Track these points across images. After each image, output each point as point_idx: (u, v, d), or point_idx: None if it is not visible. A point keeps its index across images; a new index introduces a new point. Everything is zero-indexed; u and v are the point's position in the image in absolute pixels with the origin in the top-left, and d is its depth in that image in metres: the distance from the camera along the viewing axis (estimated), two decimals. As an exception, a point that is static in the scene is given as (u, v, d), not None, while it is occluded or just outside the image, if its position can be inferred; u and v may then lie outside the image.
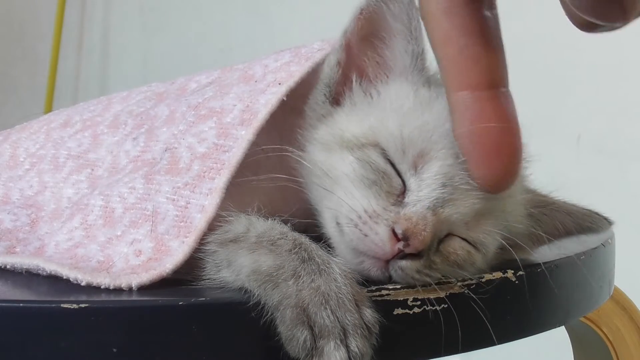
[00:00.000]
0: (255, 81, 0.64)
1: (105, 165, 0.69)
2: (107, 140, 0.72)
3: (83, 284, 0.54)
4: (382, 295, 0.53)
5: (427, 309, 0.54)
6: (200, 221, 0.57)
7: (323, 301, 0.50)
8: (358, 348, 0.49)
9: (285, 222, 0.57)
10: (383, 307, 0.52)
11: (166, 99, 0.73)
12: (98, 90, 2.63)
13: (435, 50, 0.52)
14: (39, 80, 2.68)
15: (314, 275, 0.51)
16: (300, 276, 0.51)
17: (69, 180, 0.71)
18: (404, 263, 0.55)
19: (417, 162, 0.58)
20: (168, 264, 0.55)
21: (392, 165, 0.58)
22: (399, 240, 0.55)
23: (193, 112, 0.64)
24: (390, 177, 0.58)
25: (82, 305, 0.48)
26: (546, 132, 1.41)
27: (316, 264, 0.52)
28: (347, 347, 0.49)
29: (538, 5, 1.51)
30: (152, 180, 0.61)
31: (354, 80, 0.64)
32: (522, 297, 0.60)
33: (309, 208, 0.63)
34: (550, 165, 0.70)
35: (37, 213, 0.69)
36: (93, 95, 1.32)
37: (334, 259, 0.54)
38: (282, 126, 0.64)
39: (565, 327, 0.93)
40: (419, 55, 0.62)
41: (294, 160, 0.63)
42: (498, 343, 0.57)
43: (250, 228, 0.56)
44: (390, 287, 0.54)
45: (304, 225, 0.60)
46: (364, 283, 0.54)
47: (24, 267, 0.59)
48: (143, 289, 0.54)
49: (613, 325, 0.93)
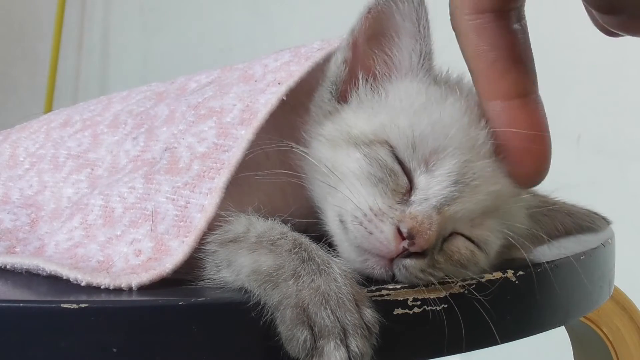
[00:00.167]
0: (255, 81, 0.64)
1: (105, 164, 0.69)
2: (107, 139, 0.72)
3: (83, 284, 0.54)
4: (382, 295, 0.53)
5: (427, 309, 0.54)
6: (200, 221, 0.57)
7: (323, 301, 0.50)
8: (358, 348, 0.49)
9: (285, 221, 0.57)
10: (383, 307, 0.52)
11: (166, 98, 0.73)
12: (98, 90, 2.63)
13: (468, 63, 0.56)
14: (39, 80, 2.68)
15: (314, 275, 0.51)
16: (300, 276, 0.51)
17: (69, 179, 0.71)
18: (408, 262, 0.55)
19: (429, 159, 0.58)
20: (168, 263, 0.55)
21: (400, 163, 0.58)
22: (404, 238, 0.55)
23: (193, 112, 0.64)
24: (397, 175, 0.58)
25: (82, 305, 0.48)
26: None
27: (316, 264, 0.52)
28: (347, 347, 0.49)
29: (538, 6, 1.51)
30: (151, 180, 0.61)
31: (360, 78, 0.64)
32: (522, 297, 0.60)
33: (309, 208, 0.63)
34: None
35: (37, 213, 0.69)
36: (93, 95, 1.32)
37: (334, 259, 0.54)
38: (282, 126, 0.64)
39: (565, 327, 0.93)
40: (427, 55, 0.62)
41: (296, 158, 0.63)
42: (500, 342, 0.57)
43: (250, 228, 0.56)
44: (390, 287, 0.54)
45: (304, 225, 0.60)
46: (364, 283, 0.54)
47: (24, 267, 0.59)
48: (143, 289, 0.53)
49: (613, 325, 0.93)
